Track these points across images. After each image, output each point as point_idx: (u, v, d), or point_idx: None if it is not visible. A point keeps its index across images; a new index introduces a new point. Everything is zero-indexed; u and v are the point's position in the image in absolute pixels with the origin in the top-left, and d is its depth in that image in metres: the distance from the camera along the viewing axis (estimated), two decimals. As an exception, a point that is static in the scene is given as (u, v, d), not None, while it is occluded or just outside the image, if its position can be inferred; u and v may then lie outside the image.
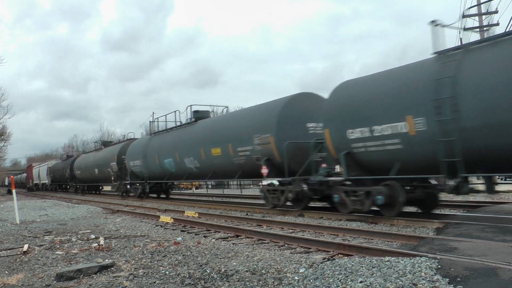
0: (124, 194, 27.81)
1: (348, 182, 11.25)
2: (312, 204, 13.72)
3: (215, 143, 16.83)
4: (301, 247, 7.69)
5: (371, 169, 10.75)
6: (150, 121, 26.83)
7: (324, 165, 12.81)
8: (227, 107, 21.89)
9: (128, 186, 27.09)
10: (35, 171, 61.93)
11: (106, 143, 37.29)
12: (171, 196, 26.67)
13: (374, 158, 10.53)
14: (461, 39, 25.64)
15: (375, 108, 10.28)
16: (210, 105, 26.90)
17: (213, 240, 8.98)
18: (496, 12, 24.30)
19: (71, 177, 40.86)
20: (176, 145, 20.26)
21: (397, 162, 9.93)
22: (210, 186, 40.16)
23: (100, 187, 43.86)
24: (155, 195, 26.23)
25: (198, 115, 20.15)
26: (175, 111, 23.26)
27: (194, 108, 20.65)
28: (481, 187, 9.58)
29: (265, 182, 15.48)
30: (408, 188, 10.53)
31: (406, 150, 9.65)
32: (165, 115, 24.57)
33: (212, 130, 17.67)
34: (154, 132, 24.55)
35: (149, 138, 24.62)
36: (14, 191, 15.63)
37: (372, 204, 10.46)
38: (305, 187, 12.87)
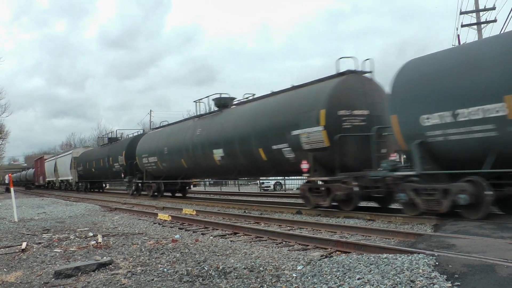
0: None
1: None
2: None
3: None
4: (299, 244, 7.70)
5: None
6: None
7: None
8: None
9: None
10: (49, 165, 49.81)
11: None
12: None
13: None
14: (458, 35, 25.76)
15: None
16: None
17: (211, 237, 8.99)
18: (493, 8, 24.35)
19: (131, 170, 25.46)
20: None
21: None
22: (207, 184, 39.75)
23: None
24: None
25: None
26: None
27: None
28: None
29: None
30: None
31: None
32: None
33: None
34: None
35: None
36: (12, 189, 15.62)
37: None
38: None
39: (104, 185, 39.96)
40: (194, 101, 20.03)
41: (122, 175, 26.95)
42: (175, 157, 20.32)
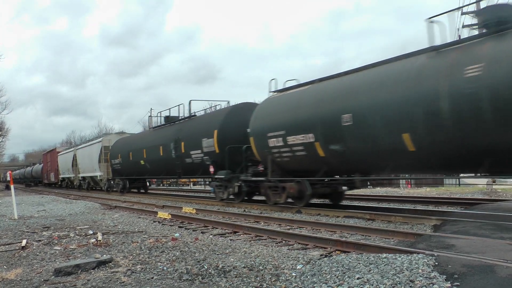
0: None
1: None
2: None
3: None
4: (299, 243, 7.71)
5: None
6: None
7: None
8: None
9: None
10: (65, 159, 40.78)
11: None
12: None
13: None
14: (459, 36, 25.71)
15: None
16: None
17: (211, 236, 9.00)
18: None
19: (234, 160, 16.03)
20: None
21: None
22: (207, 182, 38.83)
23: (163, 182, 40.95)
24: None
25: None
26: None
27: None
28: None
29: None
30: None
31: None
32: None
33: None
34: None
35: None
36: (12, 186, 15.64)
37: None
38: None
39: (148, 184, 30.74)
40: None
41: (211, 170, 16.90)
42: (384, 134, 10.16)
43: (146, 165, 23.75)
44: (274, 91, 14.76)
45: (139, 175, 25.64)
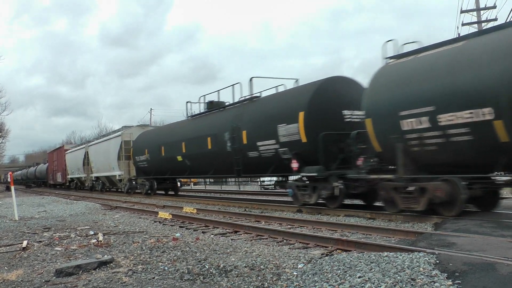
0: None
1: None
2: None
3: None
4: (300, 242, 7.71)
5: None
6: None
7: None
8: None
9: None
10: (74, 157, 36.97)
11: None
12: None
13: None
14: (459, 34, 25.70)
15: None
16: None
17: (212, 236, 9.00)
18: (494, 7, 24.32)
19: (330, 150, 12.10)
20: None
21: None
22: (208, 182, 36.68)
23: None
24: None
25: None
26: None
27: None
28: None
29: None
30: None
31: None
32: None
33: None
34: None
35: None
36: (13, 187, 15.64)
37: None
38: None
39: (179, 184, 25.73)
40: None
41: (294, 165, 12.84)
42: None
43: (185, 162, 19.07)
44: (396, 56, 10.60)
45: (175, 174, 21.10)
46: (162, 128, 25.99)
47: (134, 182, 25.49)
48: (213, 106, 18.21)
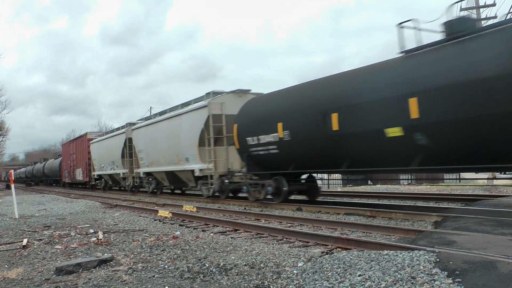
0: None
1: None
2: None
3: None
4: (300, 241, 7.71)
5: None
6: None
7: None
8: None
9: None
10: (104, 148, 28.33)
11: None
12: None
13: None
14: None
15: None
16: None
17: (212, 234, 9.00)
18: (494, 5, 24.29)
19: None
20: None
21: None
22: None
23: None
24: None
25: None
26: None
27: None
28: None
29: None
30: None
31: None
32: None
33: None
34: None
35: None
36: (13, 186, 15.64)
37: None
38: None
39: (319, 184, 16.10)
40: None
41: None
42: None
43: (417, 138, 9.19)
44: None
45: (363, 164, 10.89)
46: (320, 82, 12.43)
47: (227, 182, 16.12)
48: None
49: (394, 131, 9.61)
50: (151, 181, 22.80)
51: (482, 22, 24.27)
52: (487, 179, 19.71)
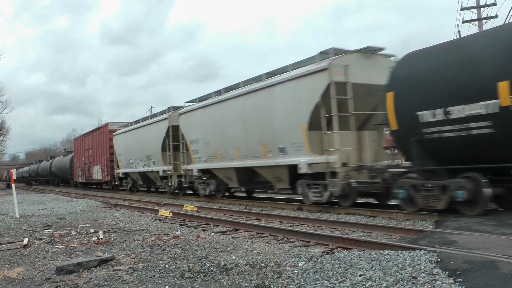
0: None
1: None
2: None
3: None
4: (300, 240, 7.70)
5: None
6: None
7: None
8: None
9: None
10: (134, 140, 23.23)
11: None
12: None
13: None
14: (459, 31, 25.61)
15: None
16: None
17: (212, 233, 8.99)
18: (494, 4, 24.25)
19: None
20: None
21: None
22: None
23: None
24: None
25: None
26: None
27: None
28: None
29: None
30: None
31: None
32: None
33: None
34: None
35: None
36: (13, 185, 15.65)
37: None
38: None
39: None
40: None
41: None
42: None
43: None
44: None
45: None
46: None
47: (354, 183, 11.00)
48: None
49: None
50: (209, 181, 17.13)
51: (483, 22, 24.27)
52: None
